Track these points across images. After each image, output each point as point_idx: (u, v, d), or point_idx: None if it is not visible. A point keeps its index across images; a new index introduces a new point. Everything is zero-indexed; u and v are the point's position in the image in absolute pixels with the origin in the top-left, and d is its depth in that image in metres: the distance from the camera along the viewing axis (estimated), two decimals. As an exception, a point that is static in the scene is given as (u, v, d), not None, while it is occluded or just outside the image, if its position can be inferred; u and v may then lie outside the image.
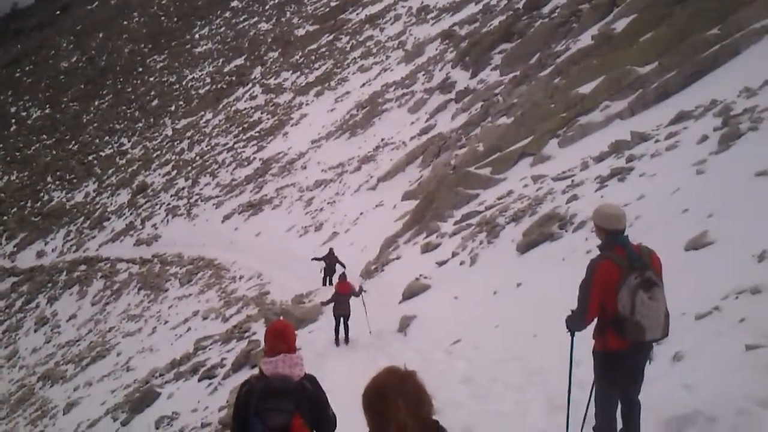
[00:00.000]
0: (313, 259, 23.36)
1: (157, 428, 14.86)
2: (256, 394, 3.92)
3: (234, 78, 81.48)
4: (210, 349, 19.84)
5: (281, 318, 19.10)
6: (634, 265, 4.47)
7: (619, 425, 4.93)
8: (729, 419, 4.64)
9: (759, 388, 4.76)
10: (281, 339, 4.17)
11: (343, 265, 21.54)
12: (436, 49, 49.16)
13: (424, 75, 45.98)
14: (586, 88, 20.11)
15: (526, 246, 12.36)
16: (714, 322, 5.99)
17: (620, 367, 4.71)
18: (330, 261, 22.23)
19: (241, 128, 64.36)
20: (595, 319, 4.70)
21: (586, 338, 4.87)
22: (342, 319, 14.57)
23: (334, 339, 14.70)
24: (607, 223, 4.70)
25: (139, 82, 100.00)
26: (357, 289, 15.18)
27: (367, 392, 2.42)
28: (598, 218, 4.81)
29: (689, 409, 4.98)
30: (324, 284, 22.06)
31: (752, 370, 5.01)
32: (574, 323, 4.80)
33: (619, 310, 4.44)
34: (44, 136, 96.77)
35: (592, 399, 5.00)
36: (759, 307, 5.78)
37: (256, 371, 4.45)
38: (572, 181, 14.42)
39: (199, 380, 16.82)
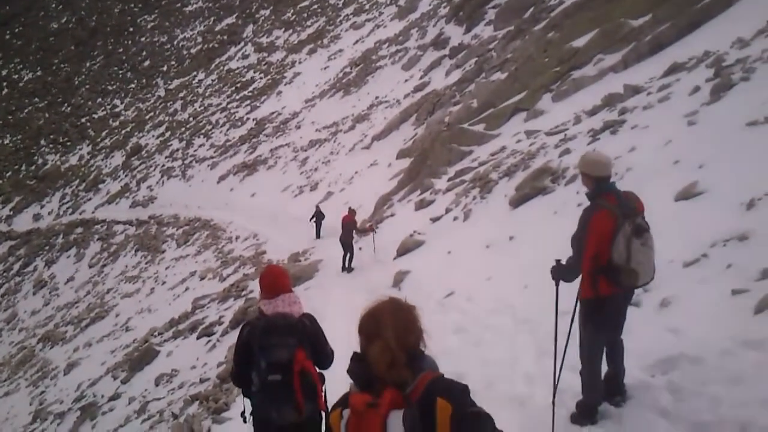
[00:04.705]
0: (310, 220, 25.94)
1: (156, 385, 15.05)
2: (259, 332, 4.04)
3: (226, 37, 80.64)
4: (208, 307, 20.03)
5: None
6: (626, 213, 4.50)
7: (604, 368, 5.02)
8: (713, 360, 4.76)
9: (743, 330, 4.86)
10: (277, 280, 4.27)
11: (324, 215, 25.16)
12: (430, 5, 48.66)
13: (417, 31, 45.55)
14: (579, 42, 19.96)
15: (518, 200, 12.42)
16: (701, 269, 6.10)
17: (608, 311, 4.76)
18: (319, 216, 25.39)
19: (234, 88, 63.94)
20: None
21: (569, 287, 4.92)
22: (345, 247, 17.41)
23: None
24: (594, 170, 4.70)
25: (130, 42, 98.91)
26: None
27: (362, 315, 2.43)
28: (584, 166, 4.79)
29: (674, 352, 5.09)
30: (318, 237, 24.76)
31: (737, 313, 5.12)
32: (568, 273, 4.81)
33: (614, 258, 4.46)
34: (36, 99, 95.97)
35: (576, 344, 5.07)
36: (746, 254, 5.88)
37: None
38: (565, 135, 14.42)
39: (198, 338, 17.02)
